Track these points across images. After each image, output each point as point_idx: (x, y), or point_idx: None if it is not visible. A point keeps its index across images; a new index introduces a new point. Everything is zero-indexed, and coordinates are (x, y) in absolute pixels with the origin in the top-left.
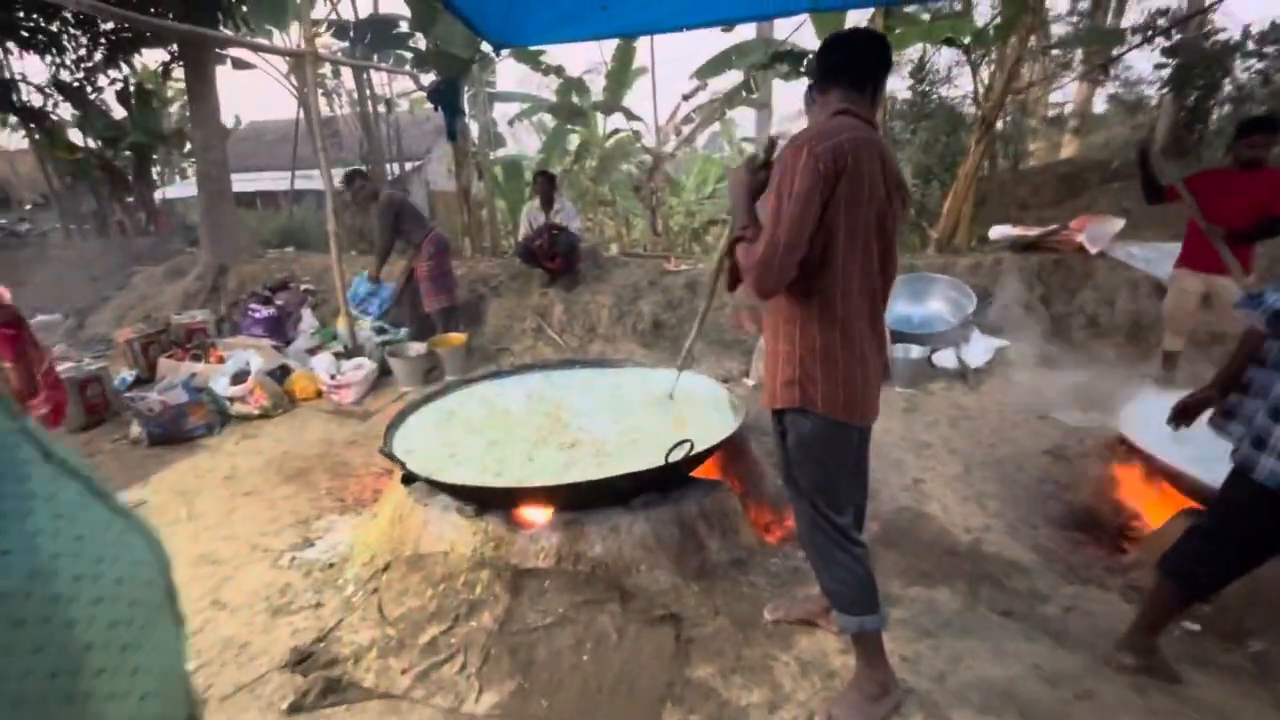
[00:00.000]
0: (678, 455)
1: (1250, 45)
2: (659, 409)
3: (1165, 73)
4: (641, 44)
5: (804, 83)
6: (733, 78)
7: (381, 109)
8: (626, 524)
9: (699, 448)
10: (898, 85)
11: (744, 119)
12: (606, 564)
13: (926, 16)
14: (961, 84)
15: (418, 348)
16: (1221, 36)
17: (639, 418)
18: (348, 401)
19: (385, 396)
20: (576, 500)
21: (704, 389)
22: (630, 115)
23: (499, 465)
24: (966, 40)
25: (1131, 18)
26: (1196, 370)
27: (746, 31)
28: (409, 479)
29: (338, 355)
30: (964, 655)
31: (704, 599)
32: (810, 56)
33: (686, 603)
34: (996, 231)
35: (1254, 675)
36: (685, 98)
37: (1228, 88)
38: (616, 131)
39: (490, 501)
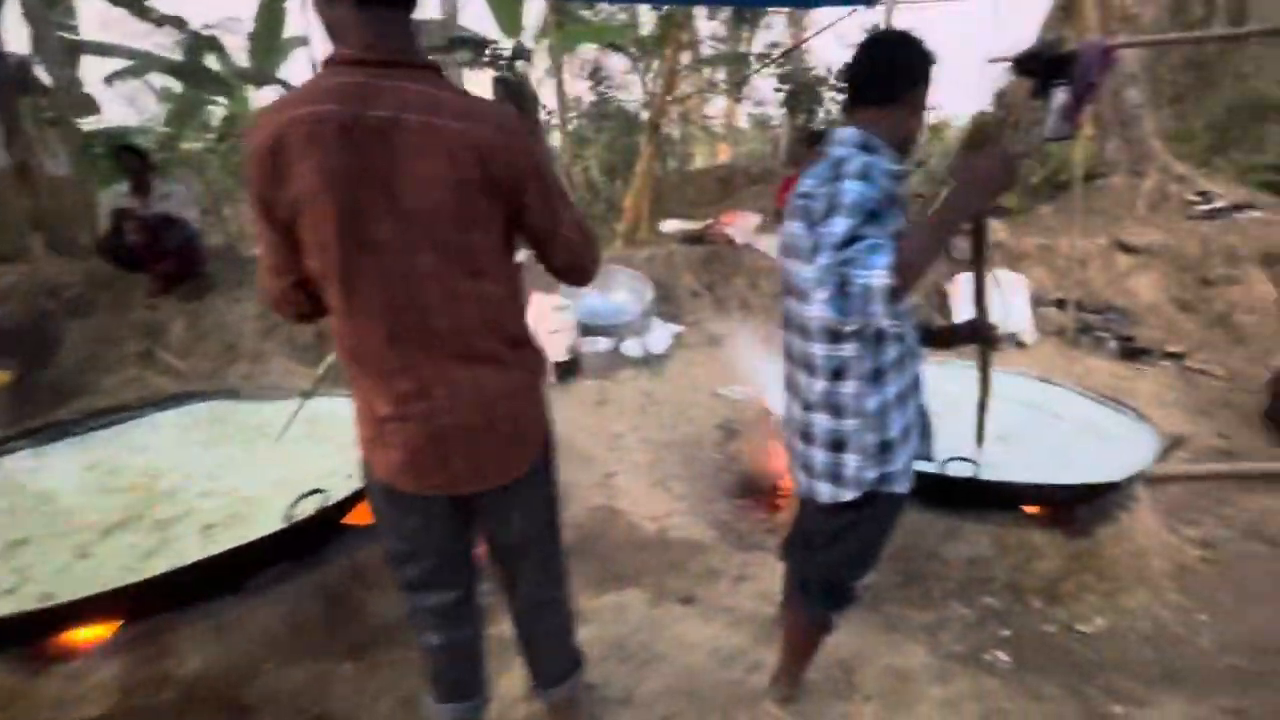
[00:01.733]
0: (305, 511)
1: (832, 80)
2: (306, 447)
3: (782, 95)
4: (297, 10)
5: (489, 73)
6: None
7: None
8: (242, 615)
9: (352, 487)
10: (580, 88)
11: None
12: (212, 678)
13: (594, 17)
14: (634, 90)
15: None
16: (818, 71)
17: (280, 464)
18: None
19: None
20: (160, 601)
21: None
22: (289, 89)
23: (19, 576)
24: (630, 48)
25: (758, 45)
26: None
27: (424, 11)
28: None
29: None
30: (652, 660)
31: (364, 680)
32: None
33: (338, 693)
34: (668, 225)
35: (867, 603)
36: None
37: (823, 113)
38: None
39: None
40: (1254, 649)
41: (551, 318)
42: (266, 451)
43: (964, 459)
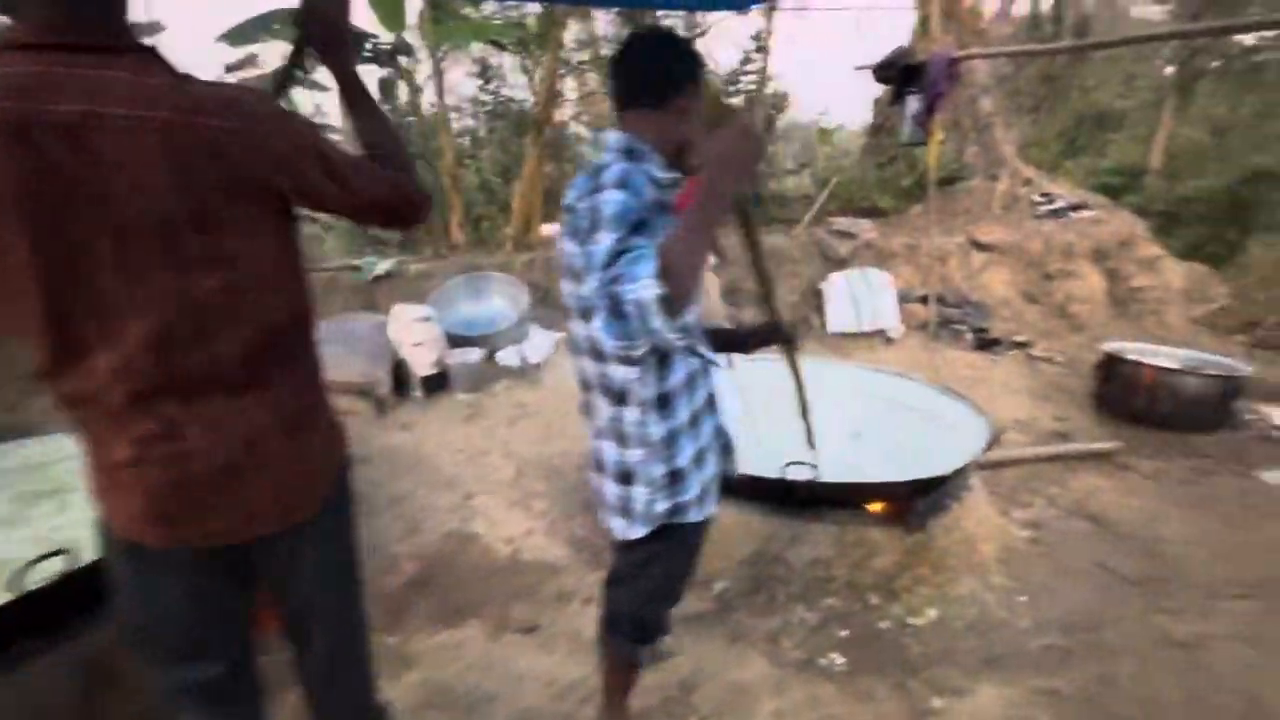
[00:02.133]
0: (43, 576)
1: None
2: (80, 496)
3: None
4: None
5: (371, 69)
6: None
7: None
8: None
9: None
10: (473, 87)
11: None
12: None
13: (477, 15)
14: (525, 90)
15: None
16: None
17: (45, 520)
18: None
19: None
20: None
21: None
22: None
23: None
24: (513, 44)
25: None
26: None
27: None
28: None
29: None
30: (480, 701)
31: None
32: (372, 41)
33: None
34: (547, 229)
35: (716, 614)
36: (229, 69)
37: None
38: None
39: None
40: (1068, 626)
41: (415, 329)
42: (39, 503)
43: (802, 462)
